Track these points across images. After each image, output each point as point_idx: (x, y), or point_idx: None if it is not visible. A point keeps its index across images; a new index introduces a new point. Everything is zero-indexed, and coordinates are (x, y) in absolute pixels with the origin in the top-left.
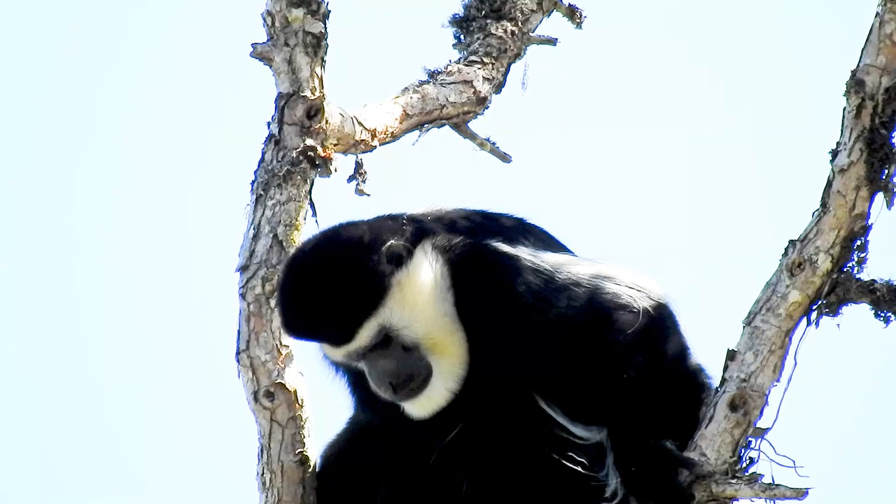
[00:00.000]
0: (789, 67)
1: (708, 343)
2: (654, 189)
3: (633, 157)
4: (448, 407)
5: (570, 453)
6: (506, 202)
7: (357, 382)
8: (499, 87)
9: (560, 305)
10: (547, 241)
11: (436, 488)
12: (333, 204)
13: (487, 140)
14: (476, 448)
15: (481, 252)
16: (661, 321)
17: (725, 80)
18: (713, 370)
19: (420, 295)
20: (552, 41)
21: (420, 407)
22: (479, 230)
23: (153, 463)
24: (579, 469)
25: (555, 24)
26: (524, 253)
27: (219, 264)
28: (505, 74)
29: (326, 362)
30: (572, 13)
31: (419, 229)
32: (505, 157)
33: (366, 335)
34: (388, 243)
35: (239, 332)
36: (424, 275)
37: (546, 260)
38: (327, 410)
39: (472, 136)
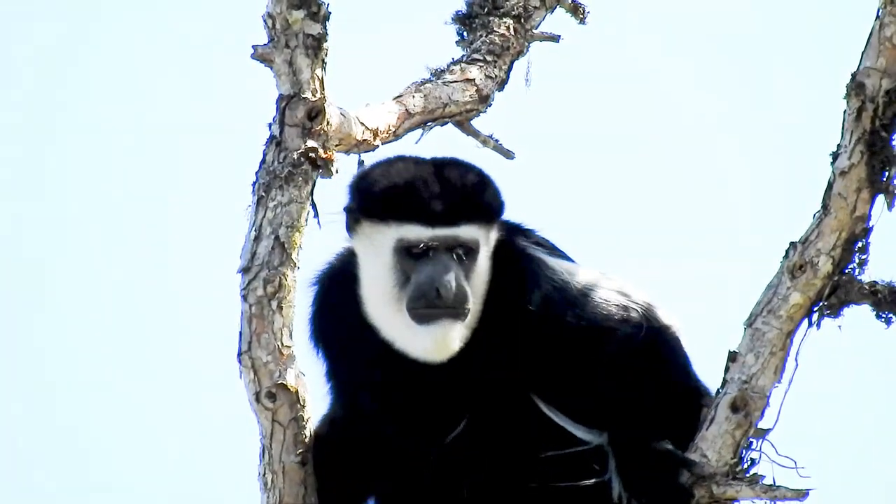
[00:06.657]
0: (791, 69)
1: (709, 345)
2: (656, 188)
3: (635, 154)
4: (449, 404)
5: (574, 457)
6: (509, 199)
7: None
8: (501, 85)
9: (569, 311)
10: (553, 252)
11: (437, 491)
12: (335, 205)
13: (490, 137)
14: (477, 451)
15: (514, 248)
16: (662, 337)
17: (727, 81)
18: (714, 372)
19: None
20: (555, 38)
21: (439, 341)
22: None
23: (155, 464)
24: (583, 471)
25: (558, 20)
26: (545, 256)
27: (220, 266)
28: (508, 72)
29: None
30: (576, 9)
31: None
32: (508, 154)
33: (469, 231)
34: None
35: (241, 333)
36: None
37: (563, 267)
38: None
39: (474, 134)
